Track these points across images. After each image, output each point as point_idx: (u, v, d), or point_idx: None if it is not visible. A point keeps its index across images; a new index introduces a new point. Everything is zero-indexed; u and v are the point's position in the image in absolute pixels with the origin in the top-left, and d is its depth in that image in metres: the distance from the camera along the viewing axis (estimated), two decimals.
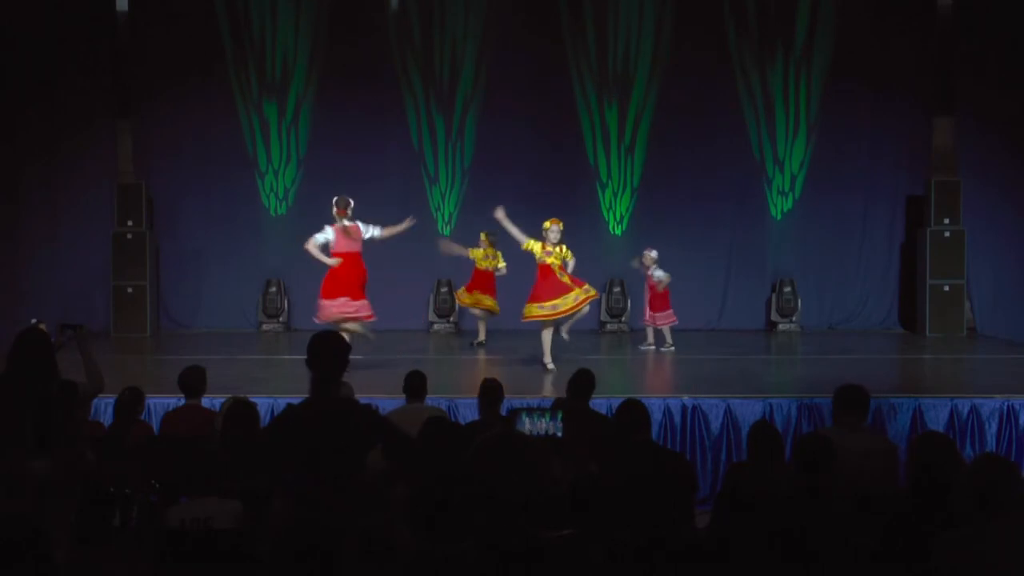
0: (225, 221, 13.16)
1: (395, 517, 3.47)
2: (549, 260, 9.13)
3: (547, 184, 12.95)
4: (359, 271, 9.30)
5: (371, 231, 9.38)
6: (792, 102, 13.16)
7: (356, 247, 9.31)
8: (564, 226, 9.31)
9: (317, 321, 9.24)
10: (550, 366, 9.22)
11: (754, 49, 13.08)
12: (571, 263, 9.34)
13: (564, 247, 9.23)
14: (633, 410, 4.91)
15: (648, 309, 11.24)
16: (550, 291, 9.14)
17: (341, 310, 9.23)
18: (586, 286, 9.23)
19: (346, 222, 9.23)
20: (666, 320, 11.13)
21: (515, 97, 12.96)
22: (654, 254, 11.22)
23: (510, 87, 13.00)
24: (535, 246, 9.21)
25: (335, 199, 9.35)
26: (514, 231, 9.26)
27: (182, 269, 13.18)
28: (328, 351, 4.03)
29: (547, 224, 9.25)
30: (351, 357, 4.17)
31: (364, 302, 9.30)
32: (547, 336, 9.32)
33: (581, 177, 13.25)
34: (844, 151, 13.14)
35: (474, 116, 13.23)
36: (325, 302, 9.30)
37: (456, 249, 11.45)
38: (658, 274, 11.10)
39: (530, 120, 12.96)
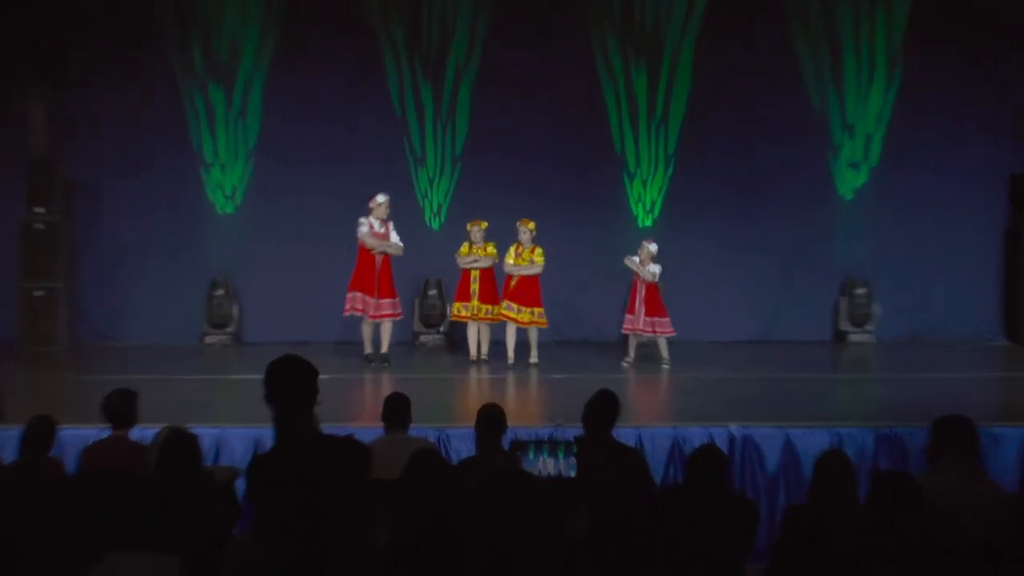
0: (163, 210, 13.14)
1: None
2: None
3: (561, 169, 13.03)
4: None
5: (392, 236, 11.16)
6: (865, 57, 13.15)
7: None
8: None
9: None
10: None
11: None
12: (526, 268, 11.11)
13: (535, 248, 11.16)
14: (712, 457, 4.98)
15: (643, 315, 10.96)
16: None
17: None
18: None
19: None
20: (665, 329, 11.02)
21: (519, 65, 12.93)
22: (654, 248, 11.06)
23: (513, 52, 12.97)
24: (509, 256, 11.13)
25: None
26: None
27: (107, 268, 13.17)
28: (289, 379, 4.02)
29: (518, 225, 11.21)
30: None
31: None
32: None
33: (602, 160, 13.27)
34: (929, 120, 13.11)
35: (467, 87, 13.19)
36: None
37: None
38: (653, 268, 10.96)
39: (538, 93, 12.94)
